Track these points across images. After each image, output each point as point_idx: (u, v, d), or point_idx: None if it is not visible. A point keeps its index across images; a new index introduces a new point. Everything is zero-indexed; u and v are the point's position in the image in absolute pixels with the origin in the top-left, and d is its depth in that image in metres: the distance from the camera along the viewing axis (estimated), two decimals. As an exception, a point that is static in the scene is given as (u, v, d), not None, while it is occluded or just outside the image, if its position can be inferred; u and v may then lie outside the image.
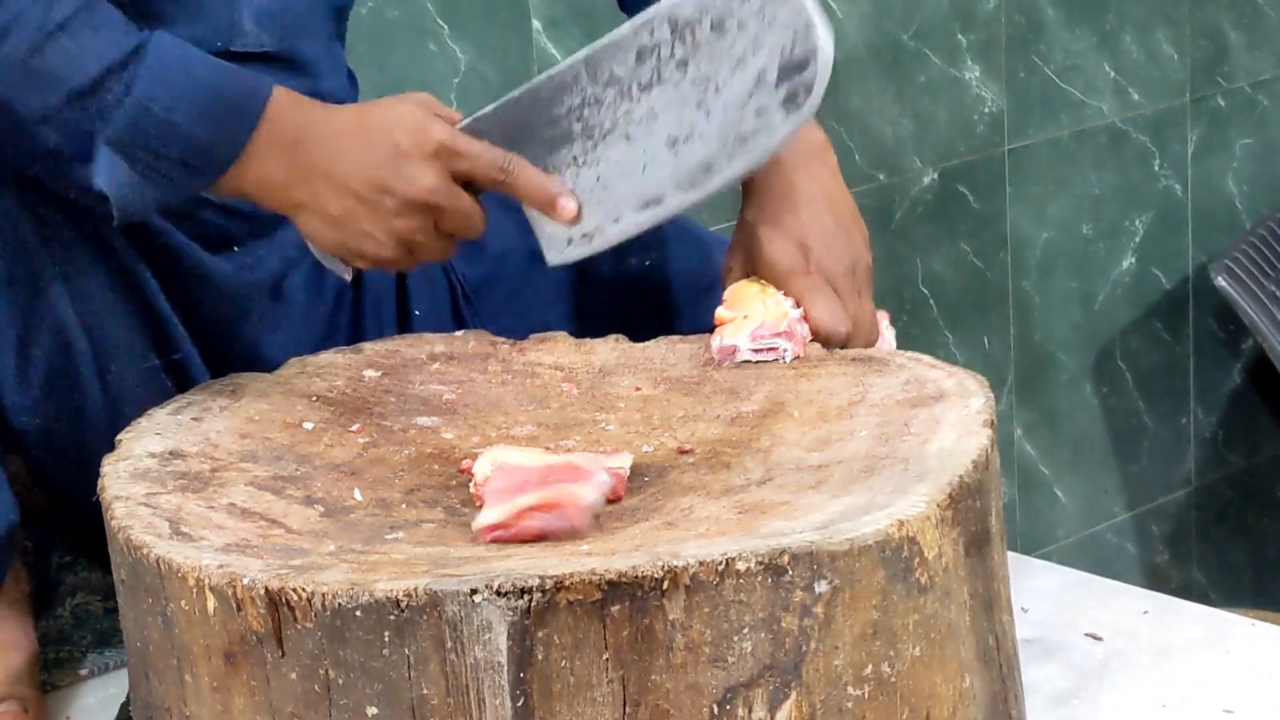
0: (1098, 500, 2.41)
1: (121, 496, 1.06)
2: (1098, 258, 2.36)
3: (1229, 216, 2.48)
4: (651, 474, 1.09)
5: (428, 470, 1.13)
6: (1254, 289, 2.26)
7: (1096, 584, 1.28)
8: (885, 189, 2.13)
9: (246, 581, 0.94)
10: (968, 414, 1.07)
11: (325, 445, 1.16)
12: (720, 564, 0.91)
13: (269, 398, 1.21)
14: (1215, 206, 2.47)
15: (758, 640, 0.92)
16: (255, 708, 0.96)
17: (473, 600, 0.90)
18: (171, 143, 1.16)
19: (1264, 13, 2.45)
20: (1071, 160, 2.31)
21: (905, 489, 0.98)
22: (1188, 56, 2.40)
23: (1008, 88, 2.22)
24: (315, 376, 1.25)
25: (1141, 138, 2.37)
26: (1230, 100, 2.47)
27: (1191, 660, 1.18)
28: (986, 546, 1.02)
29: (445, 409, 1.22)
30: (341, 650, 0.92)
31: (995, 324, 2.27)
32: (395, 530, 1.02)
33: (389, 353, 1.30)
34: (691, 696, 0.92)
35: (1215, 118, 2.46)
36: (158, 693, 1.03)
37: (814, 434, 1.09)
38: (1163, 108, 2.39)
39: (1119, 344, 2.40)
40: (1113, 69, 2.32)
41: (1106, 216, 2.35)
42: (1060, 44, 2.27)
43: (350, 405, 1.21)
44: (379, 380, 1.25)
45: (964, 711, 1.00)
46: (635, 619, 0.90)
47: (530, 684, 0.91)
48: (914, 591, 0.96)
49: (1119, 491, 2.42)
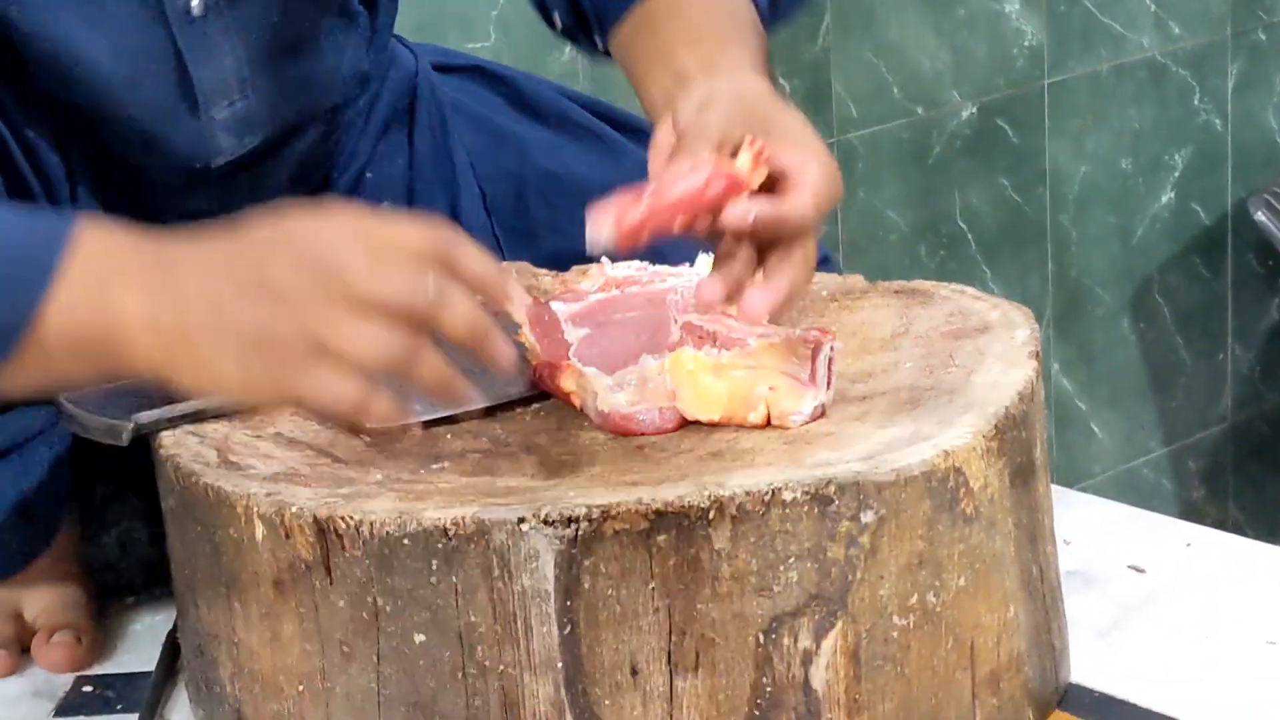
0: (1134, 436, 2.40)
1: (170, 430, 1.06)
2: (1136, 193, 2.35)
3: (1269, 152, 2.46)
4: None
5: None
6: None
7: (1139, 517, 1.28)
8: (923, 123, 2.13)
9: (294, 510, 0.94)
10: (1013, 346, 1.07)
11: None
12: (766, 494, 0.91)
13: None
14: (1255, 142, 2.46)
15: (804, 570, 0.92)
16: (304, 634, 0.97)
17: (520, 529, 0.90)
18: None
19: (1306, -55, 2.43)
20: (1111, 95, 2.30)
21: (951, 420, 0.98)
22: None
23: (1047, 21, 2.21)
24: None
25: (1182, 72, 2.36)
26: (1271, 35, 2.44)
27: (1234, 593, 1.18)
28: (1031, 478, 1.01)
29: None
30: (389, 578, 0.93)
31: (1033, 259, 2.26)
32: (441, 460, 1.02)
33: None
34: (737, 626, 0.92)
35: (1256, 52, 2.44)
36: (206, 620, 1.04)
37: (858, 365, 1.09)
38: (1203, 42, 2.37)
39: (1157, 280, 2.39)
40: (1153, 2, 2.30)
41: (1146, 152, 2.34)
42: (1100, -24, 2.25)
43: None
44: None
45: (1008, 641, 1.00)
46: (681, 548, 0.91)
47: (576, 612, 0.91)
48: (959, 522, 0.95)
49: (1155, 427, 2.42)
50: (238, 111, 1.27)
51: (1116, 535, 1.25)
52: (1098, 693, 1.06)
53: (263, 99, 1.28)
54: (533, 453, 1.02)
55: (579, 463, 1.00)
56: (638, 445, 1.02)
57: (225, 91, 1.25)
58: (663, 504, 0.90)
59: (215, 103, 1.25)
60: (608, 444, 1.02)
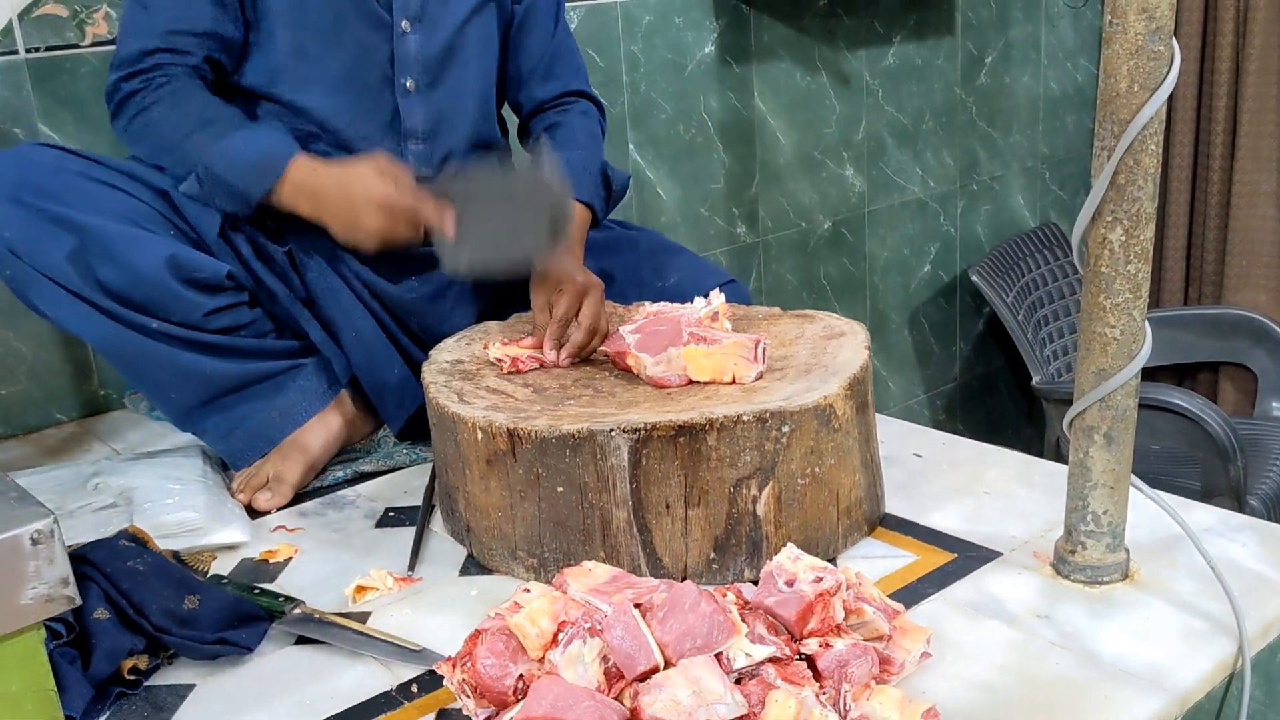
0: (910, 388, 2.39)
1: (433, 381, 1.06)
2: (910, 265, 2.33)
3: (978, 246, 2.44)
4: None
5: (583, 371, 1.10)
6: (992, 281, 2.24)
7: (918, 429, 1.25)
8: (804, 230, 2.11)
9: (497, 423, 0.94)
10: (857, 343, 1.06)
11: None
12: (734, 417, 0.91)
13: (501, 333, 1.17)
14: (971, 241, 2.43)
15: (753, 455, 0.92)
16: (501, 486, 0.97)
17: (610, 434, 0.90)
18: (222, 188, 1.08)
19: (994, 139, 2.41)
20: (898, 217, 2.27)
21: (826, 380, 0.98)
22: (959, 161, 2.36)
23: (866, 178, 2.19)
24: (523, 323, 1.20)
25: (934, 205, 2.34)
26: (980, 185, 2.42)
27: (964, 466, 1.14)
28: (866, 409, 1.01)
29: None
30: (545, 458, 0.93)
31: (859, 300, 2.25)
32: (569, 400, 1.02)
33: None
34: (719, 483, 0.92)
35: (972, 194, 2.41)
36: (452, 479, 1.03)
37: (777, 353, 1.07)
38: (945, 189, 2.35)
39: (921, 310, 2.37)
40: (919, 168, 2.28)
41: (916, 244, 2.32)
42: (893, 155, 2.23)
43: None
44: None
45: (855, 492, 0.99)
46: (691, 444, 0.91)
47: (639, 476, 0.91)
48: (831, 431, 0.95)
49: (919, 384, 2.41)
50: (419, 149, 1.20)
51: (907, 439, 1.22)
52: (900, 517, 1.05)
53: (435, 144, 1.21)
54: (614, 397, 1.01)
55: (637, 402, 0.99)
56: (667, 394, 1.00)
57: (415, 136, 1.20)
58: (683, 422, 0.90)
59: (410, 140, 1.20)
60: (650, 394, 1.01)
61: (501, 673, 0.73)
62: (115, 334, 1.08)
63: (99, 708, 0.82)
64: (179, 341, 1.10)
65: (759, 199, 2.03)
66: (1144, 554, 0.94)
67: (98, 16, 1.35)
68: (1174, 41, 0.79)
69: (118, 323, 1.07)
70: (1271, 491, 1.92)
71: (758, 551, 0.94)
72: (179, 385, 1.12)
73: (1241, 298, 2.36)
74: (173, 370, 1.10)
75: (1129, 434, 0.88)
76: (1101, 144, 0.82)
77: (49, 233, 1.04)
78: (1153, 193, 0.82)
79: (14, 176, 1.05)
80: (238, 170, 1.08)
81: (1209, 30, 2.35)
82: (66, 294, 1.06)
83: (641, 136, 1.84)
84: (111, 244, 1.05)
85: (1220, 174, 2.38)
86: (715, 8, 1.87)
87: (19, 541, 0.65)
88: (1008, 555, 0.97)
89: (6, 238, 1.04)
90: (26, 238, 1.04)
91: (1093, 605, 0.88)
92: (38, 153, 1.08)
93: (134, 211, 1.07)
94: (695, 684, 0.69)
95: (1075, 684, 0.78)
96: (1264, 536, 0.97)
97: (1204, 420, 1.83)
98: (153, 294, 1.07)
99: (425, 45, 1.18)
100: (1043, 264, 2.38)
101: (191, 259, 1.08)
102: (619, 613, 0.73)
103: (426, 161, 1.21)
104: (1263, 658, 0.85)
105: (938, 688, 0.79)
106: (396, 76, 1.17)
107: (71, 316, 1.07)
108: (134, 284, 1.06)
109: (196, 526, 1.05)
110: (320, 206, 1.09)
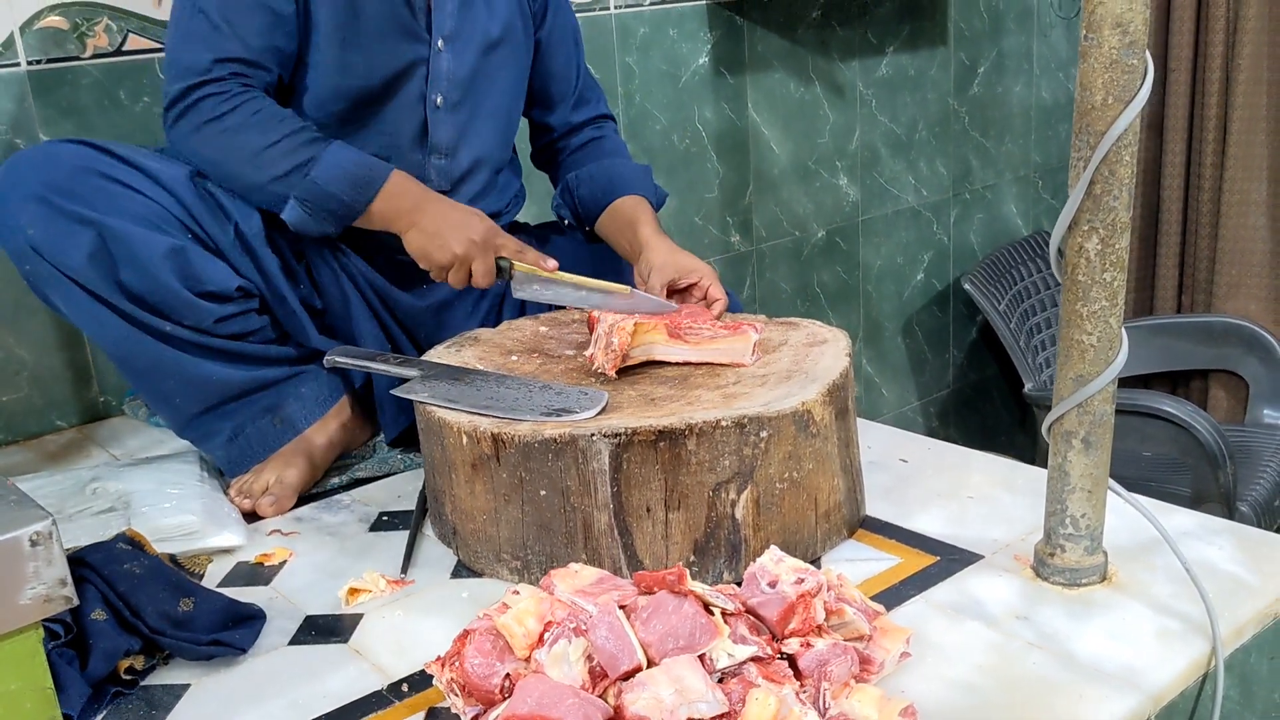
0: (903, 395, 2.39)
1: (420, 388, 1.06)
2: (904, 274, 2.33)
3: (970, 254, 2.44)
4: (677, 378, 1.07)
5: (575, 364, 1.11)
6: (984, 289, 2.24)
7: (905, 435, 1.25)
8: (797, 239, 2.12)
9: (481, 429, 0.95)
10: (839, 350, 1.06)
11: (518, 361, 1.14)
12: (714, 422, 0.91)
13: (490, 342, 1.18)
14: (964, 249, 2.43)
15: (732, 460, 0.92)
16: (486, 490, 0.97)
17: (591, 439, 0.91)
18: (328, 201, 1.09)
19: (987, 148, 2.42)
20: (892, 226, 2.28)
21: (806, 386, 0.98)
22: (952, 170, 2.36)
23: (860, 187, 2.20)
24: (514, 330, 1.22)
25: (927, 214, 2.34)
26: (973, 194, 2.42)
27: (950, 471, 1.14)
28: (846, 415, 1.01)
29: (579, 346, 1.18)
30: (529, 462, 0.93)
31: (853, 307, 2.25)
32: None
33: (550, 319, 1.25)
34: (699, 487, 0.92)
35: (965, 203, 2.42)
36: (437, 484, 1.04)
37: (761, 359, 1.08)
38: (938, 198, 2.35)
39: (914, 318, 2.37)
40: (912, 178, 2.29)
41: (910, 253, 2.32)
42: (886, 164, 2.24)
43: (528, 345, 1.17)
44: (547, 331, 1.21)
45: (834, 496, 0.99)
46: (672, 449, 0.91)
47: (620, 480, 0.91)
48: (810, 436, 0.95)
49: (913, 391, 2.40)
50: (441, 164, 1.22)
51: (894, 444, 1.22)
52: (884, 521, 1.05)
53: (455, 160, 1.23)
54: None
55: (620, 408, 0.98)
56: (650, 399, 1.00)
57: (439, 151, 1.22)
58: (663, 426, 0.90)
59: (434, 155, 1.21)
60: (633, 399, 1.00)
61: (489, 672, 0.74)
62: (128, 335, 1.08)
63: (96, 707, 0.82)
64: (189, 346, 1.10)
65: (753, 208, 2.03)
66: (1123, 557, 0.94)
67: (98, 29, 1.36)
68: (1147, 55, 0.80)
69: (132, 324, 1.07)
70: (1262, 498, 1.91)
71: (737, 554, 0.94)
72: (184, 391, 1.12)
73: (1233, 306, 2.36)
74: (180, 375, 1.11)
75: (1107, 439, 0.88)
76: (1078, 155, 0.82)
77: (71, 232, 1.04)
78: (1128, 202, 0.82)
79: (40, 175, 1.04)
80: (341, 180, 1.08)
81: (1200, 40, 2.35)
82: (84, 294, 1.06)
83: (637, 147, 1.85)
84: (132, 246, 1.04)
85: (1211, 183, 2.38)
86: (709, 19, 1.88)
87: (18, 543, 0.65)
88: (989, 558, 0.97)
89: (30, 235, 1.04)
90: (49, 236, 1.04)
91: (1071, 607, 0.88)
92: (63, 150, 1.06)
93: (154, 214, 1.07)
94: (678, 682, 0.69)
95: (1052, 684, 0.78)
96: (1241, 541, 0.97)
97: (1194, 427, 1.83)
98: (167, 298, 1.07)
99: (456, 65, 1.20)
100: (1035, 272, 2.37)
101: (205, 268, 1.08)
102: (603, 613, 0.73)
103: (446, 176, 1.23)
104: (1236, 658, 0.84)
105: (917, 687, 0.79)
106: (429, 92, 1.19)
107: (87, 316, 1.07)
108: (152, 288, 1.06)
109: (193, 530, 1.05)
110: (415, 217, 1.10)
